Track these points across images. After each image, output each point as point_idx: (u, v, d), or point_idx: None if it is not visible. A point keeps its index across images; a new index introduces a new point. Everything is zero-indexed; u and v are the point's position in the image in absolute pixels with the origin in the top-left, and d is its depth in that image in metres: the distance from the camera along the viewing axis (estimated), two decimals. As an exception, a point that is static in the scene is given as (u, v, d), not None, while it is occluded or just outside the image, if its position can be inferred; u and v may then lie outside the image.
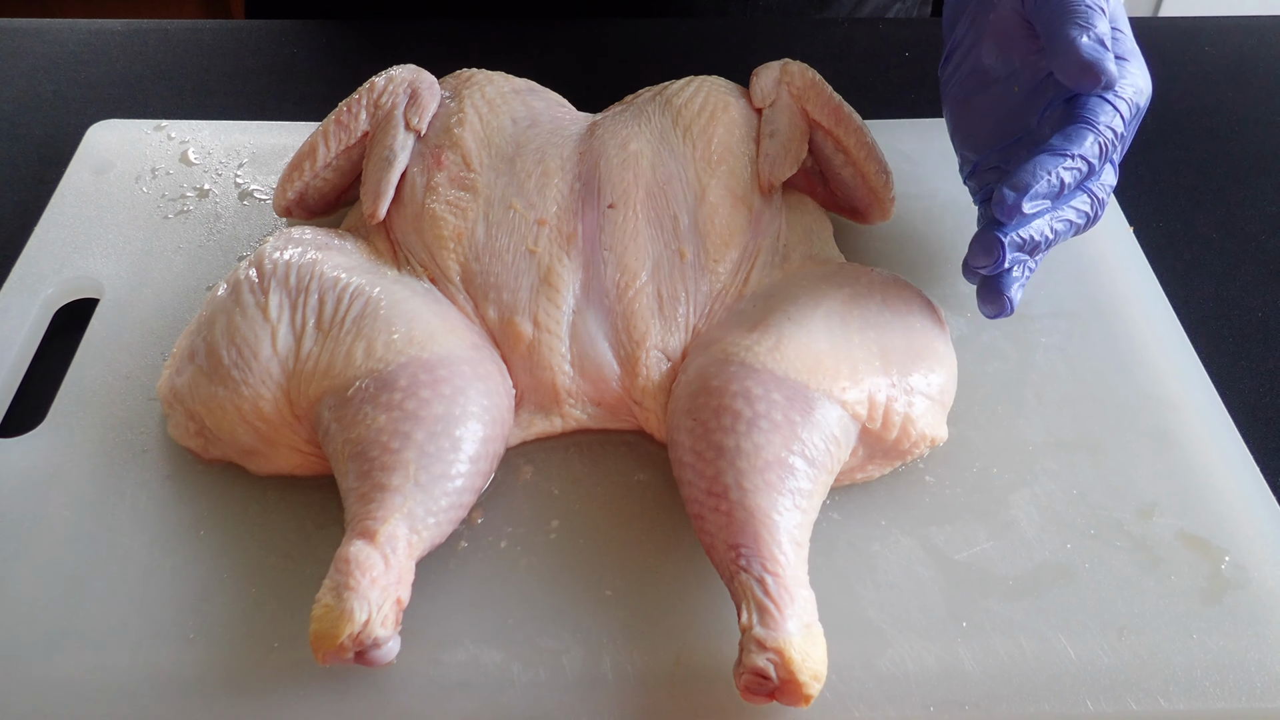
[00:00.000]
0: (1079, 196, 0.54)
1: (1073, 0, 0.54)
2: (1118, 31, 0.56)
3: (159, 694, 0.47)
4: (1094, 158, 0.52)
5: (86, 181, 0.71)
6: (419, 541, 0.48)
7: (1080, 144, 0.52)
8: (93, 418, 0.57)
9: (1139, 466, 0.56)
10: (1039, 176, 0.51)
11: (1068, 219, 0.54)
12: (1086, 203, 0.54)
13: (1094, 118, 0.53)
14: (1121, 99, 0.53)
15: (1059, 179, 0.52)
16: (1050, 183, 0.52)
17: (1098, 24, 0.53)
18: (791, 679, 0.44)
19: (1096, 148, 0.52)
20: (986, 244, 0.53)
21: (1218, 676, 0.48)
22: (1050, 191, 0.52)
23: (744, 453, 0.49)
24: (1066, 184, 0.52)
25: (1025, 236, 0.53)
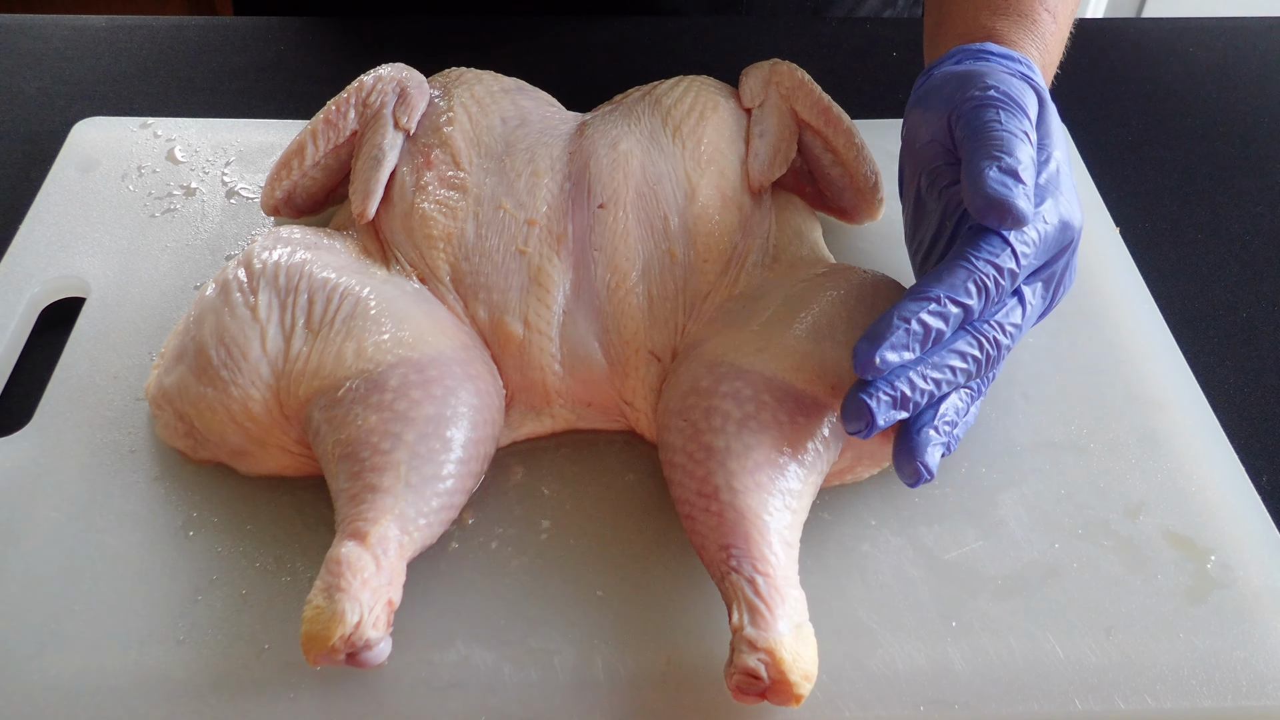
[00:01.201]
0: (961, 340, 0.49)
1: (990, 128, 0.50)
2: (1048, 163, 0.52)
3: (148, 696, 0.47)
4: (969, 298, 0.48)
5: (72, 179, 0.70)
6: (410, 542, 0.48)
7: (948, 284, 0.48)
8: (80, 418, 0.57)
9: (1126, 466, 0.56)
10: (894, 326, 0.47)
11: (948, 366, 0.49)
12: (973, 345, 0.49)
13: (974, 254, 0.48)
14: (1024, 234, 0.49)
15: (920, 325, 0.47)
16: (910, 330, 0.47)
17: (1016, 152, 0.49)
18: (782, 679, 0.44)
19: (972, 287, 0.48)
20: (852, 408, 0.48)
21: (1204, 675, 0.48)
22: (912, 339, 0.47)
23: (734, 453, 0.49)
24: (934, 329, 0.47)
25: (897, 393, 0.48)
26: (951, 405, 0.50)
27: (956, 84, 0.54)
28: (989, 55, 0.56)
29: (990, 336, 0.49)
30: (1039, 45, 0.59)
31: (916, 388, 0.48)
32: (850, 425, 0.48)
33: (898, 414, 0.48)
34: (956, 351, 0.49)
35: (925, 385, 0.48)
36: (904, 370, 0.48)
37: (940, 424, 0.50)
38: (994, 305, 0.49)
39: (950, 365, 0.49)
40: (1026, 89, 0.53)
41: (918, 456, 0.49)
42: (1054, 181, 0.51)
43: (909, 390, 0.48)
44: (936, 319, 0.48)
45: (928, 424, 0.49)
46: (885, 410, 0.48)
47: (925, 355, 0.48)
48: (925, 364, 0.48)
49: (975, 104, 0.52)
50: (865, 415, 0.47)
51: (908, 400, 0.48)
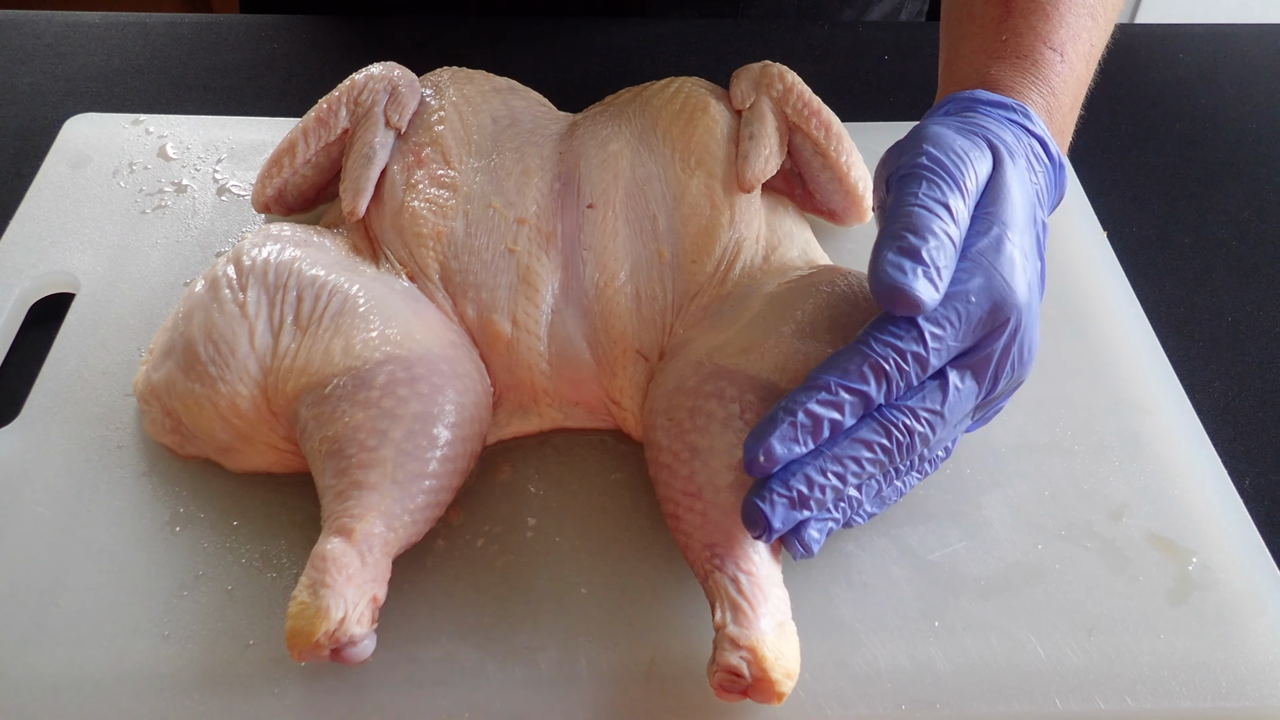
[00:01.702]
0: (865, 428, 0.46)
1: (905, 202, 0.47)
2: (985, 234, 0.47)
3: (134, 691, 0.47)
4: (865, 384, 0.45)
5: (63, 175, 0.71)
6: (396, 539, 0.49)
7: (840, 370, 0.45)
8: (68, 413, 0.57)
9: (1109, 469, 0.57)
10: (779, 419, 0.44)
11: (850, 458, 0.45)
12: (879, 433, 0.46)
13: (874, 338, 0.45)
14: (936, 316, 0.45)
15: (808, 416, 0.44)
16: (798, 422, 0.44)
17: (923, 231, 0.45)
18: (764, 677, 0.44)
19: (869, 371, 0.45)
20: (747, 512, 0.45)
21: (1184, 676, 0.49)
22: (800, 432, 0.44)
23: (719, 453, 0.49)
24: (824, 418, 0.44)
25: (792, 492, 0.45)
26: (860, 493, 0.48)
27: (899, 148, 0.50)
28: (978, 104, 0.53)
29: (901, 423, 0.46)
30: (1042, 88, 0.55)
31: (815, 484, 0.45)
32: (750, 530, 0.46)
33: (797, 514, 0.45)
34: (861, 441, 0.46)
35: (826, 480, 0.45)
36: (800, 466, 0.45)
37: (827, 515, 0.47)
38: (902, 391, 0.46)
39: (853, 456, 0.46)
40: (977, 149, 0.49)
41: (801, 534, 0.47)
42: (991, 254, 0.47)
43: (806, 488, 0.45)
44: (827, 409, 0.45)
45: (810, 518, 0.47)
46: (782, 513, 0.45)
47: (825, 448, 0.46)
48: (824, 457, 0.45)
49: (900, 174, 0.48)
50: (759, 519, 0.45)
51: (806, 499, 0.45)
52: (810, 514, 0.46)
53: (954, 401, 0.47)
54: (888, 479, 0.49)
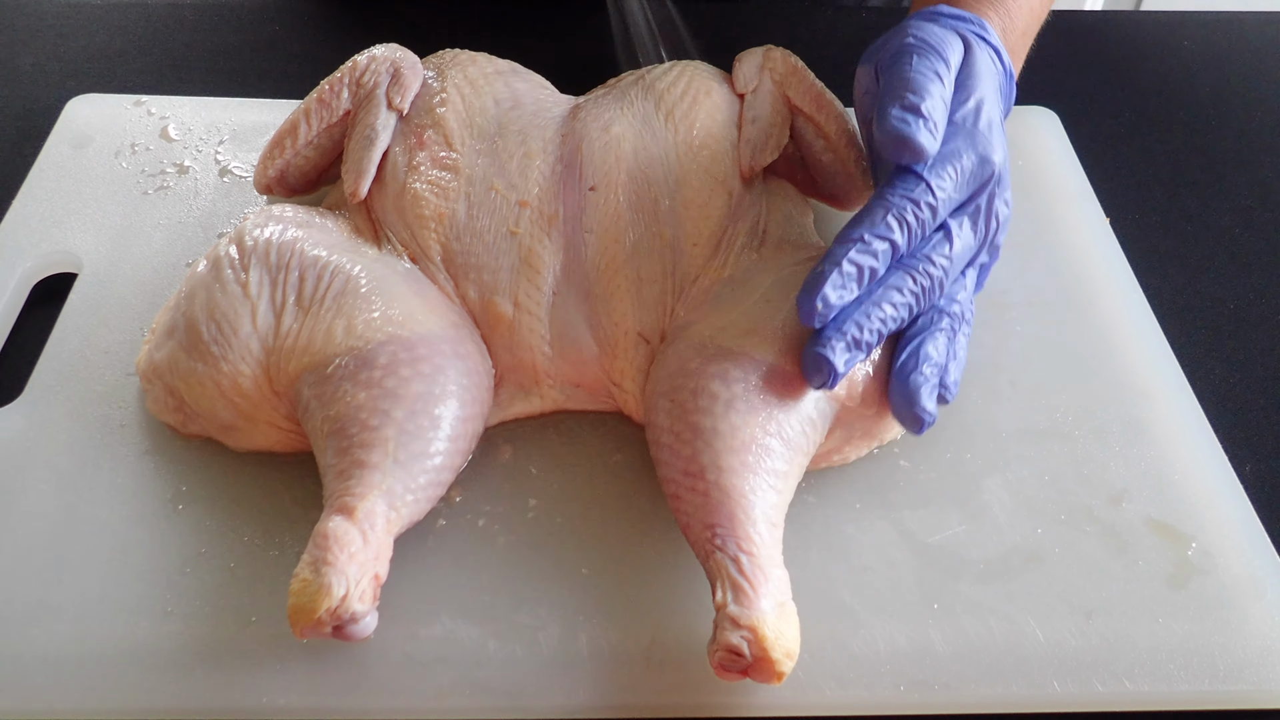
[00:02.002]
0: (894, 276, 0.51)
1: (901, 71, 0.53)
2: (966, 102, 0.54)
3: (136, 667, 0.48)
4: (892, 233, 0.50)
5: (65, 156, 0.71)
6: (397, 518, 0.49)
7: (869, 223, 0.50)
8: (71, 392, 0.57)
9: (1110, 454, 0.57)
10: (826, 271, 0.49)
11: (888, 303, 0.51)
12: (907, 280, 0.51)
13: (890, 192, 0.51)
14: (940, 170, 0.51)
15: (852, 265, 0.49)
16: (844, 271, 0.49)
17: (922, 91, 0.51)
18: (765, 656, 0.44)
19: (893, 222, 0.50)
20: (810, 363, 0.50)
21: (1183, 659, 0.49)
22: (847, 280, 0.49)
23: (720, 434, 0.49)
24: (865, 266, 0.50)
25: (847, 336, 0.50)
26: (931, 347, 0.52)
27: (885, 38, 0.58)
28: (939, 16, 0.58)
29: (922, 269, 0.52)
30: (999, 8, 0.62)
31: (865, 328, 0.50)
32: (813, 380, 0.50)
33: (855, 356, 0.50)
34: (894, 288, 0.51)
35: (872, 324, 0.50)
36: (847, 314, 0.50)
37: (925, 367, 0.52)
38: (919, 240, 0.52)
39: (891, 301, 0.51)
40: (951, 36, 0.56)
41: (914, 404, 0.51)
42: (972, 119, 0.54)
43: (858, 332, 0.50)
44: (866, 256, 0.50)
45: (912, 370, 0.52)
46: (841, 355, 0.50)
47: (864, 296, 0.51)
48: (867, 304, 0.51)
49: (893, 52, 0.55)
50: (824, 366, 0.50)
51: (859, 341, 0.50)
52: (863, 356, 0.51)
53: (959, 248, 0.53)
54: (949, 337, 0.53)
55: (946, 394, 0.53)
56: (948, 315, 0.54)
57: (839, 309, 0.50)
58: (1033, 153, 0.74)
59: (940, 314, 0.53)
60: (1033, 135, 0.76)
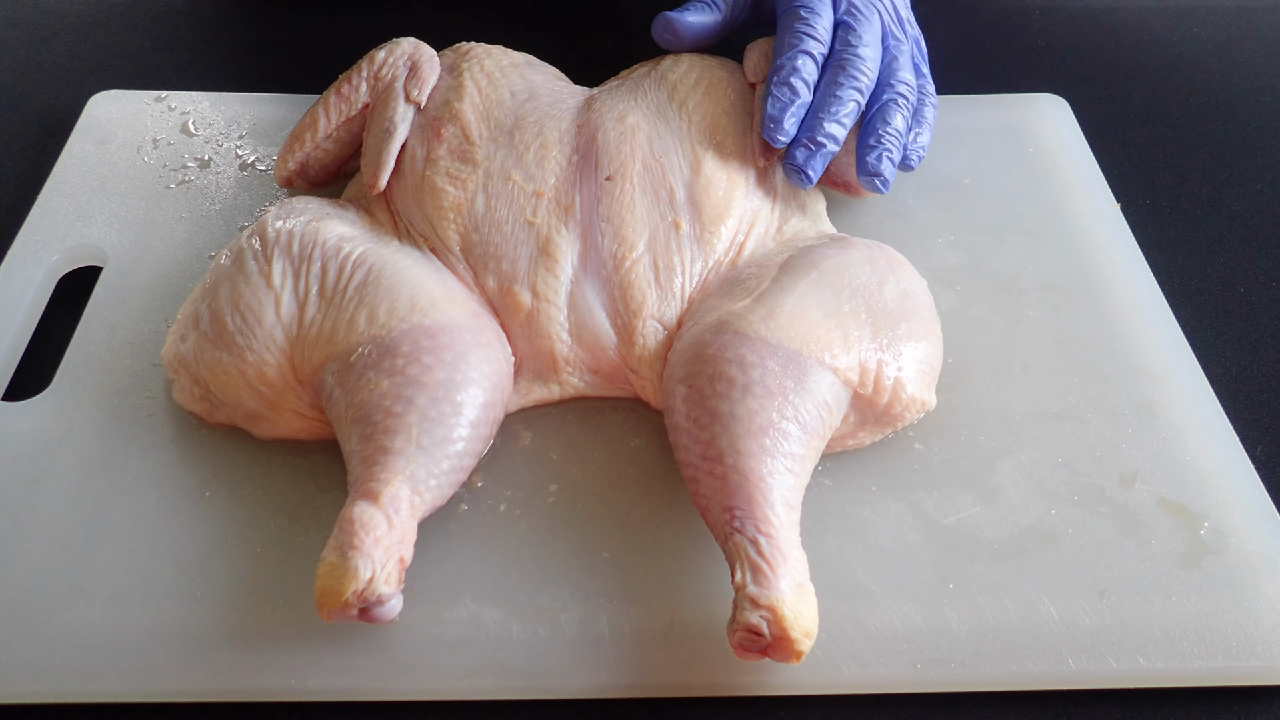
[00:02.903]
0: (830, 75, 0.62)
1: None
2: None
3: (166, 650, 0.49)
4: (807, 41, 0.62)
5: (88, 152, 0.72)
6: (421, 503, 0.50)
7: (787, 46, 0.62)
8: (98, 383, 0.58)
9: (1122, 436, 0.57)
10: (775, 95, 0.61)
11: (835, 96, 0.61)
12: (839, 70, 0.62)
13: (787, 19, 0.63)
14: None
15: (792, 81, 0.61)
16: (791, 86, 0.61)
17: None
18: (784, 636, 0.45)
19: (803, 35, 0.62)
20: (790, 173, 0.61)
21: (1195, 637, 0.50)
22: (797, 94, 0.61)
23: (738, 418, 0.50)
24: (802, 78, 0.61)
25: (813, 143, 0.61)
26: (881, 121, 0.62)
27: None
28: None
29: (845, 57, 0.62)
30: None
31: (823, 130, 0.61)
32: (799, 183, 0.62)
33: (825, 154, 0.61)
34: (834, 84, 0.62)
35: (829, 124, 0.61)
36: (808, 127, 0.61)
37: (876, 137, 0.62)
38: (825, 39, 0.63)
39: (836, 95, 0.62)
40: None
41: (869, 168, 0.61)
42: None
43: (819, 134, 0.61)
44: (797, 73, 0.61)
45: (867, 138, 0.62)
46: (817, 163, 0.61)
47: (815, 109, 0.61)
48: (820, 111, 0.61)
49: None
50: (799, 172, 0.61)
51: (823, 143, 0.61)
52: (835, 151, 0.62)
53: (863, 29, 0.64)
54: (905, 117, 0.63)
55: (910, 159, 0.63)
56: (896, 93, 0.63)
57: (796, 127, 0.61)
58: (1044, 140, 0.75)
59: (889, 91, 0.63)
60: (1044, 122, 0.76)
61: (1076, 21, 0.90)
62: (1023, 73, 0.84)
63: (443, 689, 0.48)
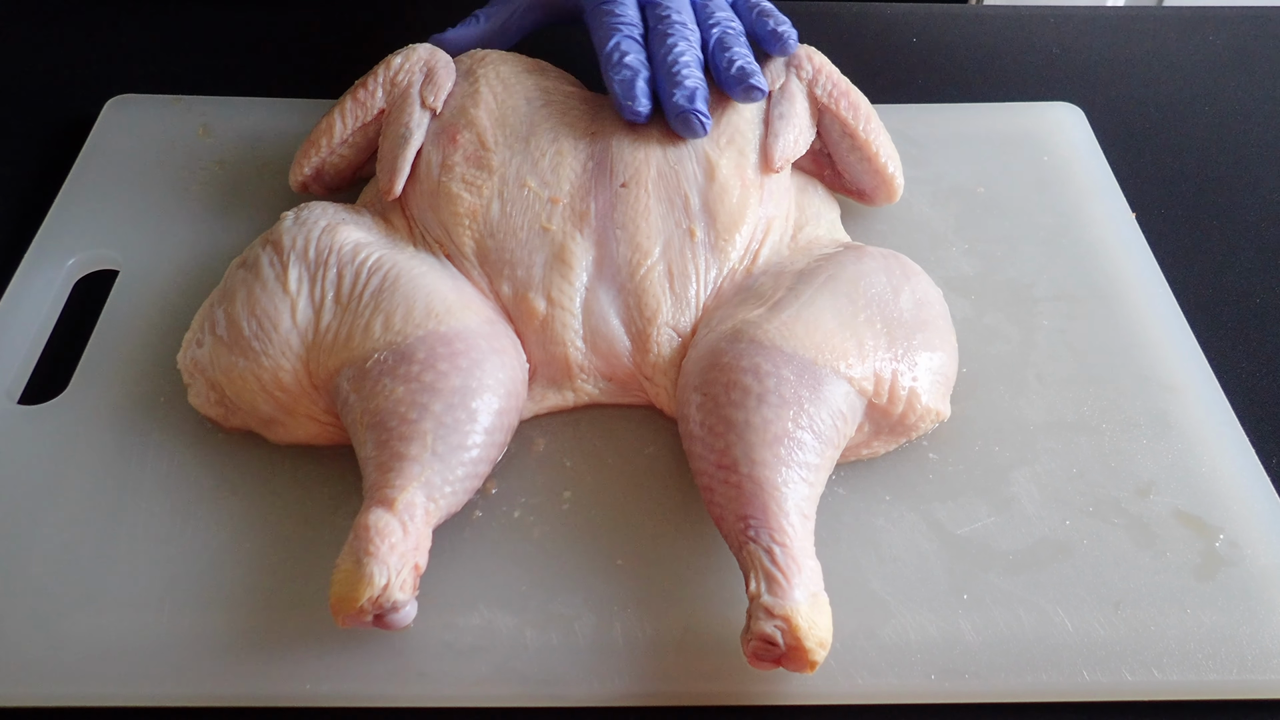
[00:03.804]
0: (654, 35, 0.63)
1: None
2: None
3: (180, 654, 0.49)
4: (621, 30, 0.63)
5: (105, 155, 0.72)
6: (436, 509, 0.50)
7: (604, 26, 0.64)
8: (114, 387, 0.59)
9: (1137, 447, 0.57)
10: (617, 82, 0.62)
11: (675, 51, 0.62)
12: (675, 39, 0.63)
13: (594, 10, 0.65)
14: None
15: (620, 62, 0.62)
16: (628, 65, 0.62)
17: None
18: (798, 645, 0.45)
19: (614, 21, 0.63)
20: (689, 129, 0.61)
21: (1210, 649, 0.49)
22: (632, 73, 0.62)
23: (753, 427, 0.50)
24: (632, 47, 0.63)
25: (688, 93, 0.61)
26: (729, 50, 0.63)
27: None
28: None
29: (660, 29, 0.64)
30: None
31: (683, 76, 0.61)
32: (695, 129, 0.61)
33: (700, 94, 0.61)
34: (665, 48, 0.63)
35: (683, 71, 0.62)
36: (667, 81, 0.61)
37: (733, 57, 0.62)
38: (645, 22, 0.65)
39: (673, 52, 0.62)
40: None
41: (737, 79, 0.62)
42: None
43: (684, 81, 0.61)
44: (626, 41, 0.63)
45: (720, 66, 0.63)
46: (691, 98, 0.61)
47: (660, 72, 0.62)
48: (668, 70, 0.62)
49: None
50: (688, 113, 0.60)
51: (693, 86, 0.61)
52: (705, 91, 0.61)
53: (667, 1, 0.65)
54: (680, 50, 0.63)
55: (785, 40, 0.65)
56: (722, 29, 0.64)
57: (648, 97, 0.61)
58: (1058, 148, 0.75)
59: (714, 31, 0.64)
60: (1058, 131, 0.76)
61: (1091, 29, 0.90)
62: (1037, 80, 0.84)
63: (456, 696, 0.48)
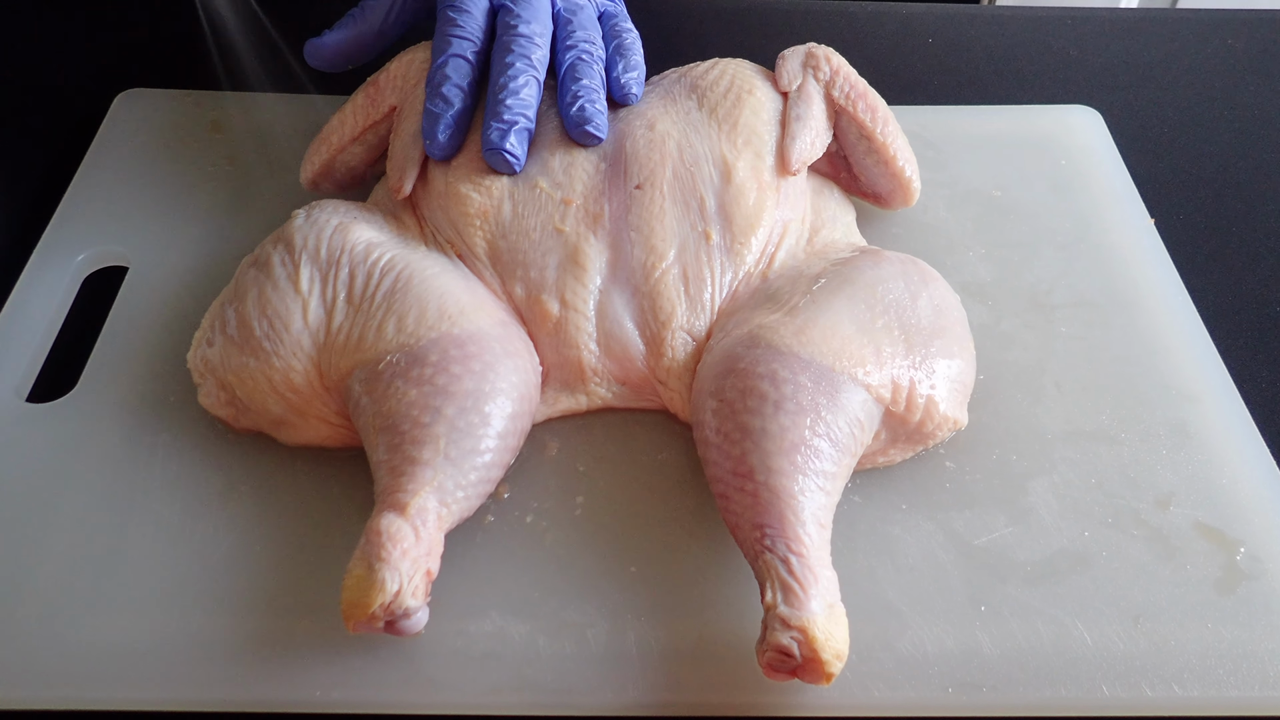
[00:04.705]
0: (498, 59, 0.61)
1: None
2: None
3: (189, 658, 0.48)
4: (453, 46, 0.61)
5: (115, 150, 0.71)
6: (448, 514, 0.49)
7: (438, 45, 0.62)
8: (123, 386, 0.58)
9: (1157, 457, 0.57)
10: (427, 112, 0.60)
11: (510, 76, 0.60)
12: (516, 56, 0.61)
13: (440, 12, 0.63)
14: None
15: (438, 90, 0.60)
16: (440, 102, 0.60)
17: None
18: (815, 657, 0.44)
19: (452, 32, 0.62)
20: (498, 165, 0.59)
21: (1231, 665, 0.49)
22: (445, 108, 0.59)
23: (770, 434, 0.50)
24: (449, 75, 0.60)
25: (506, 119, 0.59)
26: (579, 81, 0.61)
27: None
28: None
29: (506, 40, 0.62)
30: None
31: (507, 109, 0.59)
32: (503, 167, 0.59)
33: (520, 130, 0.59)
34: (504, 65, 0.61)
35: (509, 100, 0.60)
36: (491, 112, 0.60)
37: (579, 92, 0.61)
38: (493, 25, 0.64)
39: (508, 75, 0.60)
40: None
41: (574, 123, 0.60)
42: None
43: (505, 115, 0.59)
44: (449, 81, 0.61)
45: (565, 100, 0.61)
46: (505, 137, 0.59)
47: (492, 90, 0.60)
48: (497, 94, 0.60)
49: None
50: (498, 152, 0.59)
51: (514, 120, 0.59)
52: (527, 128, 0.60)
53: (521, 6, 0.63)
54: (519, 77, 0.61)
55: (627, 92, 0.63)
56: (578, 53, 0.63)
57: (454, 135, 0.60)
58: (1075, 152, 0.74)
59: (569, 53, 0.63)
60: (1076, 135, 0.75)
61: (1109, 31, 0.89)
62: (1054, 83, 0.84)
63: (468, 703, 0.48)
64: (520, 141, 0.59)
